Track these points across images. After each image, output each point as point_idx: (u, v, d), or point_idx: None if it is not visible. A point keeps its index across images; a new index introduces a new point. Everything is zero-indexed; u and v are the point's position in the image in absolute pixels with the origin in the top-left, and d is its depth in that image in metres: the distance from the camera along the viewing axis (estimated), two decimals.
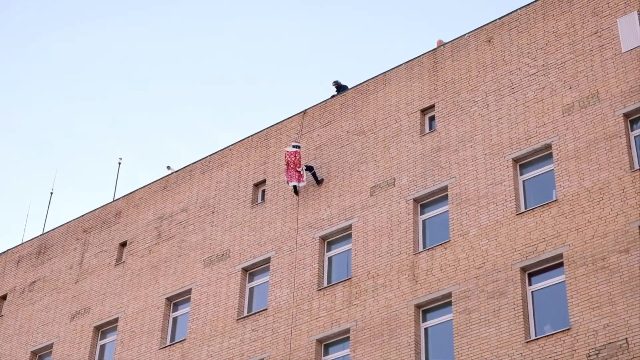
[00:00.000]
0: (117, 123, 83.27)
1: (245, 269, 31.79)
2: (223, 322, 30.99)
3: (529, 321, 25.05)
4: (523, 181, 27.35)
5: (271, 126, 34.19)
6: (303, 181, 31.17)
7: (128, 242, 35.68)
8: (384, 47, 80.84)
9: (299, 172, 31.12)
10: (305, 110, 33.63)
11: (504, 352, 24.70)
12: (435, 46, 32.02)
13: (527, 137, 27.50)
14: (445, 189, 28.52)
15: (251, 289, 31.56)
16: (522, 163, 27.58)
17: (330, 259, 30.23)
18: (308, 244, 30.51)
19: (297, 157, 31.18)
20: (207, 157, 35.49)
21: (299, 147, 31.54)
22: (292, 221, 31.29)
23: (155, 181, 36.61)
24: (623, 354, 22.86)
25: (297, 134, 33.11)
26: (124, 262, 35.27)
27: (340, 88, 33.64)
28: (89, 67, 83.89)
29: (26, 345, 36.12)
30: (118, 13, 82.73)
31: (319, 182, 31.26)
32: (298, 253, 30.56)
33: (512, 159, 27.51)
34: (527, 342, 24.53)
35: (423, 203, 29.06)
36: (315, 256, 30.09)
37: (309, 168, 31.39)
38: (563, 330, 24.09)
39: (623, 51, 26.97)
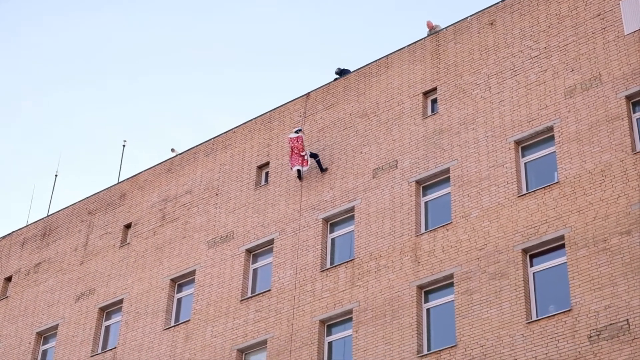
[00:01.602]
0: (122, 106, 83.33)
1: (248, 251, 31.90)
2: (227, 303, 31.13)
3: (530, 302, 25.11)
4: (525, 163, 27.39)
5: (274, 109, 34.24)
6: (307, 165, 31.23)
7: (132, 224, 35.78)
8: (386, 30, 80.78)
9: (303, 156, 31.18)
10: (309, 93, 33.68)
11: (506, 333, 24.79)
12: (426, 28, 32.17)
13: (529, 120, 27.55)
14: (447, 171, 28.58)
15: (255, 270, 31.68)
16: (524, 145, 27.61)
17: (333, 240, 30.31)
18: (311, 225, 30.61)
19: (300, 142, 31.24)
20: (211, 139, 35.55)
21: (300, 131, 31.61)
22: (296, 203, 31.39)
23: (159, 163, 36.68)
24: (624, 335, 22.92)
25: (300, 116, 33.18)
26: (128, 243, 35.39)
27: (342, 72, 33.61)
28: (93, 52, 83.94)
29: (31, 327, 36.26)
30: (120, 1, 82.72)
31: (323, 170, 31.32)
32: (301, 235, 30.67)
33: (514, 141, 27.55)
34: (528, 323, 24.59)
35: (425, 185, 29.12)
36: (318, 238, 30.18)
37: (314, 155, 31.45)
38: (564, 312, 24.13)
39: (625, 33, 26.96)
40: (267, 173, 33.21)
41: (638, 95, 26.08)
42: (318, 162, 31.38)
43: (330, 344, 28.50)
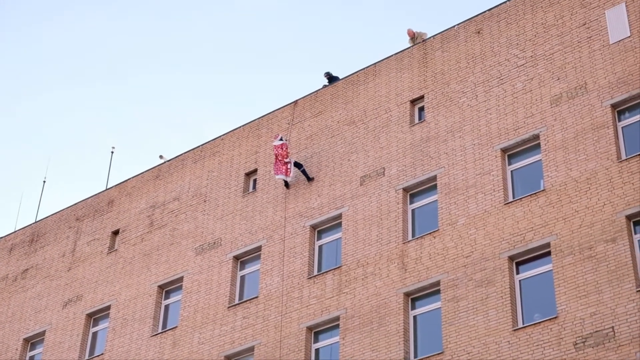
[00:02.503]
0: (110, 112, 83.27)
1: (236, 257, 31.93)
2: (214, 310, 31.15)
3: (516, 309, 25.20)
4: (511, 171, 27.51)
5: (262, 116, 34.31)
6: (289, 174, 31.22)
7: (120, 231, 35.78)
8: (374, 38, 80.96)
9: (287, 164, 31.18)
10: (296, 100, 33.76)
11: (492, 340, 24.86)
12: (407, 36, 32.29)
13: (516, 128, 27.68)
14: (434, 178, 28.68)
15: (242, 277, 31.70)
16: (511, 153, 27.73)
17: (320, 247, 30.37)
18: (299, 232, 30.67)
19: (285, 150, 31.28)
20: (199, 146, 35.59)
21: (282, 139, 31.62)
22: (283, 210, 31.44)
23: (147, 170, 36.72)
24: (609, 342, 23.02)
25: (288, 123, 33.27)
26: (116, 250, 35.38)
27: (331, 79, 33.79)
28: (80, 57, 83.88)
29: (18, 332, 36.19)
30: (109, 3, 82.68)
31: (309, 179, 31.37)
32: (289, 241, 30.73)
33: (501, 149, 27.67)
34: (514, 330, 24.66)
35: (412, 192, 29.22)
36: (305, 245, 30.25)
37: (298, 165, 31.49)
38: (550, 319, 24.23)
39: (611, 43, 27.13)
40: (255, 180, 33.25)
41: (623, 103, 26.25)
42: (303, 171, 31.42)
43: (317, 350, 28.51)
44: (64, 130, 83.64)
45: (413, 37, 32.02)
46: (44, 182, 42.24)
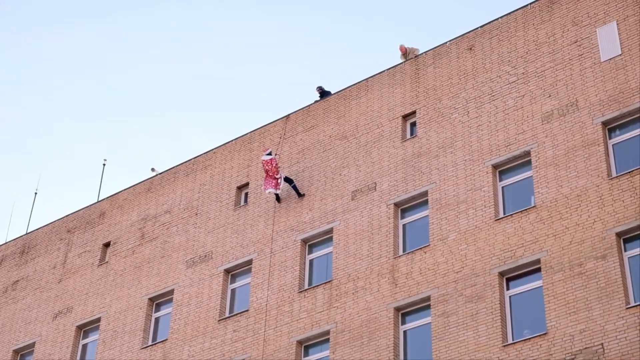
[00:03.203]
0: (102, 125, 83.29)
1: (227, 271, 31.94)
2: (205, 323, 31.14)
3: (506, 325, 25.23)
4: (502, 187, 27.59)
5: (254, 130, 34.39)
6: (279, 189, 31.24)
7: (111, 243, 35.77)
8: (366, 54, 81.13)
9: (277, 179, 31.19)
10: (289, 114, 33.84)
11: (482, 356, 24.89)
12: (399, 52, 32.44)
13: (507, 144, 27.79)
14: (425, 194, 28.76)
15: (233, 290, 31.69)
16: (502, 169, 27.83)
17: (311, 261, 30.39)
18: (289, 246, 30.70)
19: (274, 165, 31.28)
20: (191, 159, 35.64)
21: (271, 154, 31.63)
22: (274, 224, 31.49)
23: (139, 183, 36.75)
24: (599, 359, 23.04)
25: (280, 138, 33.33)
26: (107, 262, 35.36)
27: (323, 94, 33.88)
28: (72, 69, 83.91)
29: (8, 344, 36.10)
30: (101, 16, 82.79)
31: (300, 195, 31.40)
32: (280, 255, 30.77)
33: (492, 165, 27.77)
34: (504, 345, 24.70)
35: (403, 207, 29.29)
36: (296, 259, 30.26)
37: (289, 180, 31.52)
38: (540, 335, 24.27)
39: (602, 60, 27.28)
40: (246, 194, 33.30)
41: (614, 121, 26.37)
42: (294, 187, 31.47)
43: None
44: (55, 143, 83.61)
45: (405, 52, 32.18)
46: (36, 193, 42.25)
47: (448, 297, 26.37)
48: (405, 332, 27.16)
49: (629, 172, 25.24)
